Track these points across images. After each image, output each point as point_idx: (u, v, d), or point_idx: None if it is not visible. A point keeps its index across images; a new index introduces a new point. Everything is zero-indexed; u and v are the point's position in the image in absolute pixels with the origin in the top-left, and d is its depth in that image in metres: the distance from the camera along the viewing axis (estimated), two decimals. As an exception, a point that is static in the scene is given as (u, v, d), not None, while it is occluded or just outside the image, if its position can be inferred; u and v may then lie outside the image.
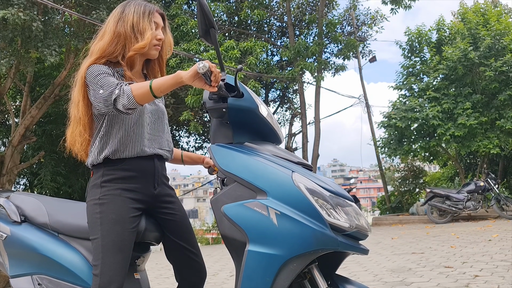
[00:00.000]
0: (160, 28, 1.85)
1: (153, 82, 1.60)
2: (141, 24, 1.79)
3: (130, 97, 1.59)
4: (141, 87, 1.61)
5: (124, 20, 1.80)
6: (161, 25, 1.86)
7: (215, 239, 14.61)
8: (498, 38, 11.62)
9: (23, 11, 7.26)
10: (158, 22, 1.84)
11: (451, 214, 10.39)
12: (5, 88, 10.67)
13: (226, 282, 4.76)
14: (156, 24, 1.83)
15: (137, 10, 1.81)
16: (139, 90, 1.60)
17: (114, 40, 1.77)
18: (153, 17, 1.83)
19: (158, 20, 1.85)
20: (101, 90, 1.64)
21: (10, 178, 10.57)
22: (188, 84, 1.59)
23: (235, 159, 1.63)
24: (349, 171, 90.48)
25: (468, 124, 11.06)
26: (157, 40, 1.82)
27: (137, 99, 1.60)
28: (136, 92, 1.60)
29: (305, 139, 13.73)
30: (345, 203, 1.59)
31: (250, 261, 1.51)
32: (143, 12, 1.81)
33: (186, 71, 1.58)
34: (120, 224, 1.68)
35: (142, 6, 1.83)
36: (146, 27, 1.79)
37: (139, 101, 1.61)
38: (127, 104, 1.60)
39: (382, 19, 14.47)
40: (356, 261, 5.33)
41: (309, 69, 11.92)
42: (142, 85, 1.61)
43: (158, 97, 1.63)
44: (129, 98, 1.59)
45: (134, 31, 1.78)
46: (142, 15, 1.80)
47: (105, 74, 1.68)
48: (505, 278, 3.68)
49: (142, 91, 1.60)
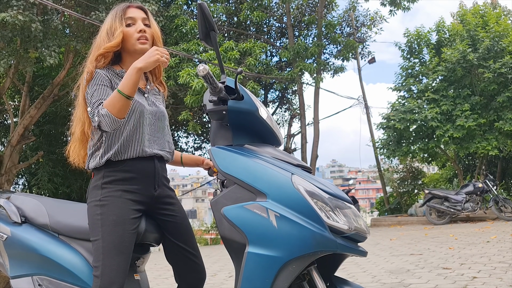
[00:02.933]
0: (140, 20, 1.83)
1: (118, 87, 1.63)
2: (113, 26, 1.80)
3: (110, 116, 1.61)
4: (112, 99, 1.62)
5: (102, 30, 1.84)
6: (140, 17, 1.83)
7: (214, 240, 14.61)
8: (497, 40, 11.65)
9: (22, 13, 7.27)
10: (134, 16, 1.82)
11: (449, 216, 10.40)
12: (4, 88, 10.67)
13: (225, 283, 4.76)
14: (132, 19, 1.82)
15: (111, 14, 1.84)
16: (112, 103, 1.62)
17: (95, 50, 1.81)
18: (125, 14, 1.81)
19: (134, 14, 1.83)
20: (89, 108, 1.69)
21: (8, 178, 10.56)
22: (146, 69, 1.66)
23: (235, 161, 1.64)
24: (348, 172, 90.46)
25: (467, 125, 11.08)
26: (138, 32, 1.80)
27: (117, 115, 1.62)
28: (111, 108, 1.61)
29: (304, 140, 13.74)
30: (344, 205, 1.60)
31: (249, 263, 1.52)
32: (115, 14, 1.82)
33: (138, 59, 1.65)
34: (121, 225, 1.69)
35: (115, 9, 1.84)
36: (117, 27, 1.79)
37: (120, 115, 1.63)
38: (112, 125, 1.63)
39: (381, 21, 14.50)
40: (354, 263, 5.34)
41: (308, 70, 11.94)
42: (113, 97, 1.63)
43: (131, 96, 1.63)
44: (110, 119, 1.62)
45: (108, 35, 1.80)
46: (114, 17, 1.81)
47: (99, 87, 1.71)
48: (503, 280, 3.70)
49: (115, 102, 1.61)
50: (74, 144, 1.86)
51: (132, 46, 1.81)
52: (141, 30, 1.80)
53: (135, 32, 1.80)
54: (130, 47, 1.81)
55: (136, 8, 1.84)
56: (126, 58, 1.85)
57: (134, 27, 1.81)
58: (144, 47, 1.81)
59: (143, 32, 1.81)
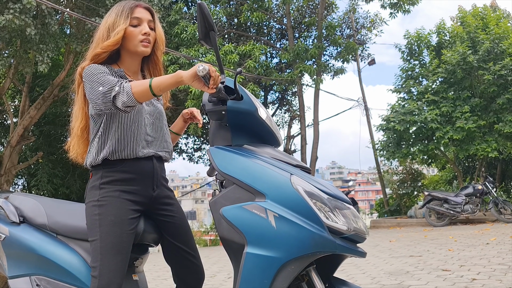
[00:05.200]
0: (146, 22, 1.80)
1: (153, 81, 1.60)
2: (116, 23, 1.75)
3: (129, 94, 1.59)
4: (140, 85, 1.60)
5: (103, 24, 1.79)
6: (146, 19, 1.80)
7: (213, 241, 14.60)
8: (497, 42, 11.66)
9: (18, 16, 7.25)
10: (141, 17, 1.78)
11: (449, 217, 10.39)
12: (4, 88, 10.67)
13: (224, 284, 4.76)
14: (139, 19, 1.78)
15: (116, 10, 1.79)
16: (139, 87, 1.60)
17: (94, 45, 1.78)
18: (132, 13, 1.77)
19: (141, 15, 1.79)
20: (101, 87, 1.63)
21: (8, 179, 10.56)
22: (187, 84, 1.60)
23: (234, 162, 1.64)
24: (347, 174, 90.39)
25: (467, 127, 11.08)
26: (143, 35, 1.77)
27: (136, 97, 1.60)
28: (136, 90, 1.60)
29: (303, 141, 13.73)
30: (343, 206, 1.60)
31: (248, 263, 1.51)
32: (121, 10, 1.78)
33: (186, 70, 1.59)
34: (119, 226, 1.69)
35: (122, 5, 1.79)
36: (120, 24, 1.75)
37: (139, 99, 1.60)
38: (127, 102, 1.60)
39: (381, 23, 14.50)
40: (354, 264, 5.33)
41: (308, 71, 11.94)
42: (142, 83, 1.61)
43: (157, 96, 1.63)
44: (128, 96, 1.59)
45: (109, 31, 1.76)
46: (119, 14, 1.77)
47: (104, 73, 1.68)
48: (503, 282, 3.69)
49: (142, 89, 1.60)
50: (74, 140, 1.85)
51: (134, 47, 1.79)
52: (146, 33, 1.78)
53: (139, 33, 1.77)
54: (132, 48, 1.79)
55: (144, 8, 1.81)
56: (126, 57, 1.83)
57: (139, 28, 1.78)
58: (146, 50, 1.80)
59: (148, 35, 1.79)
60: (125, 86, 1.61)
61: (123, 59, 1.83)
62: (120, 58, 1.83)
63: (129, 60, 1.83)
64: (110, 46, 1.74)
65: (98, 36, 1.78)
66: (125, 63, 1.83)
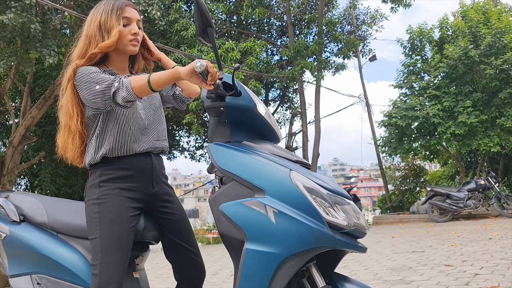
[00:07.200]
0: (135, 22, 1.80)
1: (151, 76, 1.61)
2: (108, 23, 1.75)
3: (129, 89, 1.60)
4: (139, 80, 1.62)
5: (92, 21, 1.77)
6: (135, 19, 1.80)
7: (216, 239, 14.61)
8: (499, 37, 11.61)
9: (20, 14, 7.27)
10: (130, 17, 1.78)
11: (451, 213, 10.38)
12: (5, 89, 10.68)
13: (226, 281, 4.76)
14: (128, 19, 1.78)
15: (105, 8, 1.78)
16: (138, 82, 1.61)
17: (86, 42, 1.76)
18: (122, 13, 1.77)
19: (130, 14, 1.79)
20: (98, 85, 1.63)
21: (10, 179, 10.58)
22: (185, 79, 1.60)
23: (233, 158, 1.63)
24: (349, 170, 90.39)
25: (469, 122, 11.05)
26: (132, 35, 1.77)
27: (136, 92, 1.61)
28: (135, 85, 1.61)
29: (305, 138, 13.72)
30: (343, 201, 1.59)
31: (248, 260, 1.50)
32: (111, 9, 1.76)
33: (184, 66, 1.59)
34: (119, 223, 1.68)
35: (111, 3, 1.78)
36: (113, 24, 1.74)
37: (138, 94, 1.62)
38: (127, 97, 1.61)
39: (382, 18, 14.46)
40: (356, 260, 5.33)
41: (309, 68, 11.91)
42: (141, 78, 1.62)
43: (155, 91, 1.64)
44: (128, 91, 1.60)
45: (101, 30, 1.75)
46: (110, 13, 1.76)
47: (97, 72, 1.68)
48: (505, 276, 3.68)
49: (141, 84, 1.61)
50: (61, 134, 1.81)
51: (123, 47, 1.78)
52: (135, 33, 1.78)
53: (129, 33, 1.77)
54: (121, 47, 1.78)
55: (133, 8, 1.82)
56: (115, 57, 1.81)
57: (128, 28, 1.77)
58: (134, 49, 1.80)
59: (137, 35, 1.79)
60: (124, 81, 1.62)
61: (111, 59, 1.82)
62: (108, 58, 1.81)
63: (118, 60, 1.82)
64: (108, 47, 1.74)
65: (90, 34, 1.76)
66: (114, 62, 1.82)
